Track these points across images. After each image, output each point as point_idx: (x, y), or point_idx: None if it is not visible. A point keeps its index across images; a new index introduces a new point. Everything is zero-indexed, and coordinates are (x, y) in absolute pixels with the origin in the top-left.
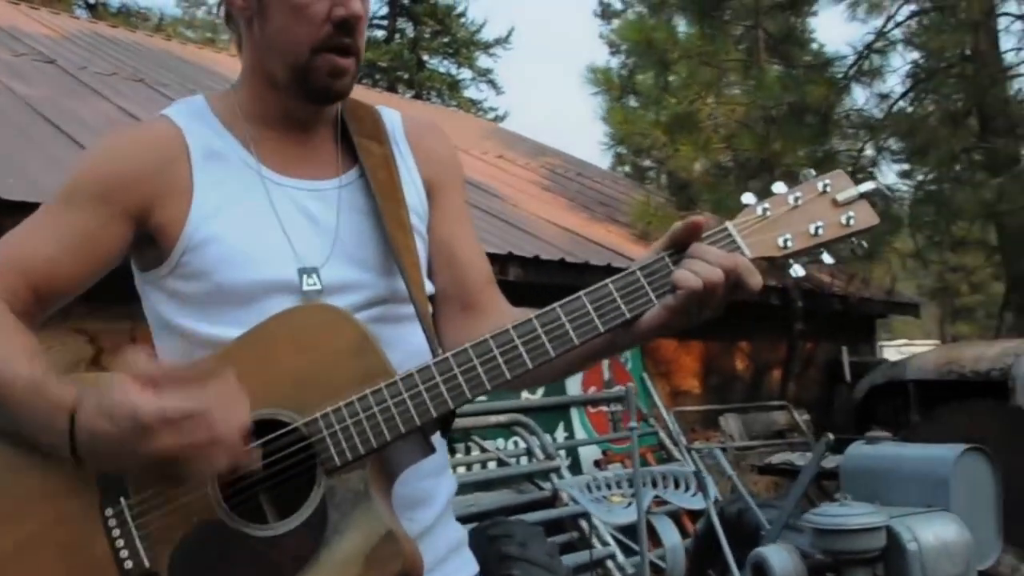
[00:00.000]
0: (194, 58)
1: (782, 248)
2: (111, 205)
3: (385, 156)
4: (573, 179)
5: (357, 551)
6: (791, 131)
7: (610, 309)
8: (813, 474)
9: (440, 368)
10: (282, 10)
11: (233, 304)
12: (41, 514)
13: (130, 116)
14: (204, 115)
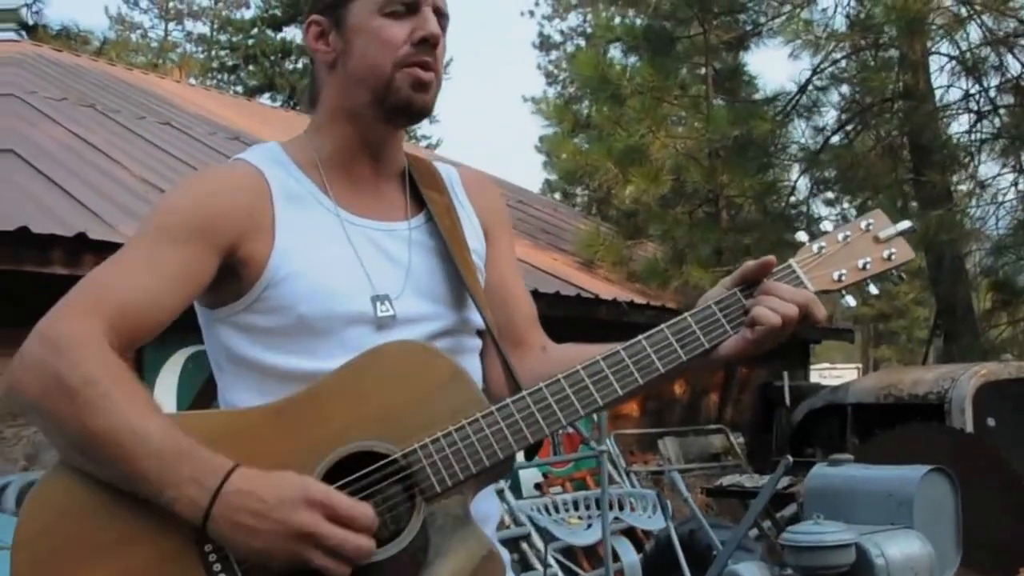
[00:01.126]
0: (141, 83)
1: (837, 281)
2: (203, 241)
3: (447, 205)
4: (514, 207)
5: (461, 571)
6: (736, 163)
7: (690, 340)
8: (770, 495)
9: (534, 397)
10: (366, 39)
11: (312, 335)
12: (141, 551)
13: (84, 142)
14: (281, 160)
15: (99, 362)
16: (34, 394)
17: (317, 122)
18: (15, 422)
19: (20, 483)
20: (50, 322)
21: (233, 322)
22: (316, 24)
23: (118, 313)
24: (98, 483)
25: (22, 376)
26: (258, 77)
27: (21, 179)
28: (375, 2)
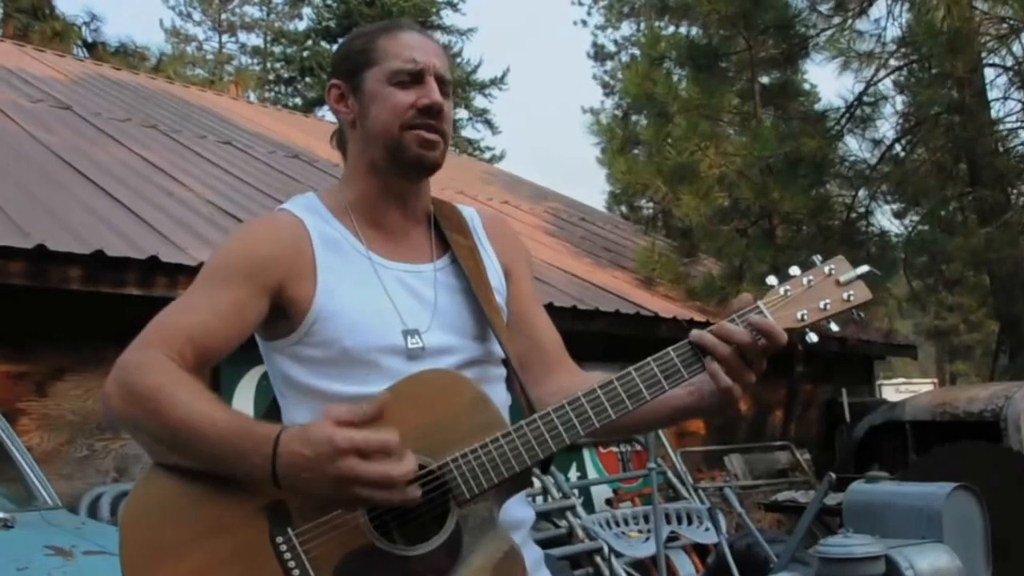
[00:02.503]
0: (199, 101)
1: (799, 321)
2: (255, 282)
3: (470, 247)
4: (577, 224)
5: (488, 564)
6: (787, 180)
7: (666, 373)
8: (817, 510)
9: (543, 420)
10: (377, 103)
11: (355, 366)
12: (220, 541)
13: (150, 164)
14: (318, 209)
15: (165, 373)
16: (120, 408)
17: (347, 173)
18: (103, 436)
19: (113, 493)
20: (127, 353)
21: (288, 353)
22: (336, 88)
23: (182, 344)
24: (185, 483)
25: (111, 398)
26: (315, 89)
27: (92, 201)
28: (385, 72)
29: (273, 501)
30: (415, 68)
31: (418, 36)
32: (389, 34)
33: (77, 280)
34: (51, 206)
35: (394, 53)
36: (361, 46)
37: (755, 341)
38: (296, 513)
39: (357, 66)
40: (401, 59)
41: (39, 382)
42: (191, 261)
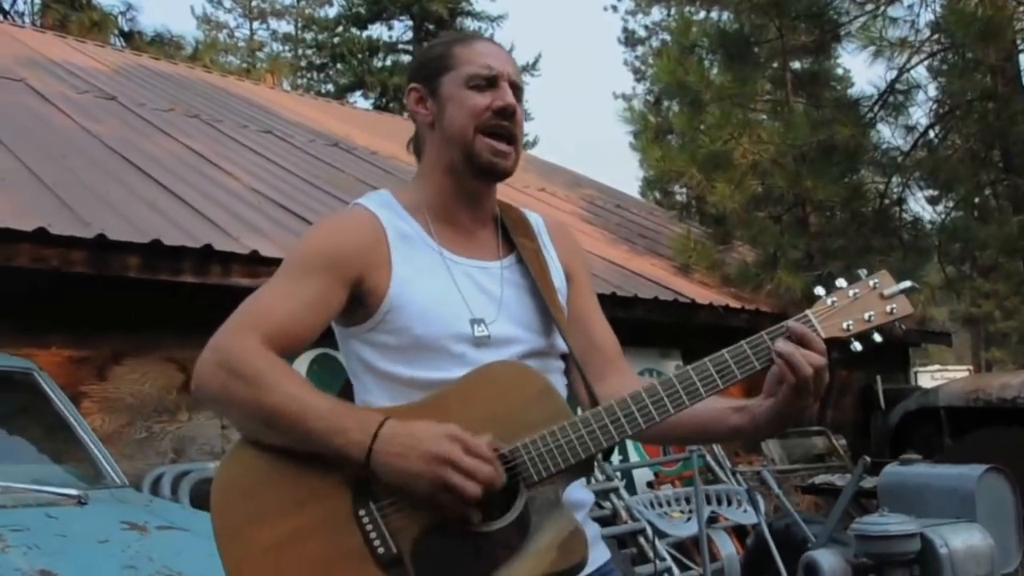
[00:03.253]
0: (237, 90)
1: (845, 330)
2: (337, 274)
3: (536, 249)
4: (613, 211)
5: (554, 542)
6: (821, 168)
7: (726, 372)
8: (853, 492)
9: (607, 411)
10: (454, 105)
11: (426, 352)
12: (308, 509)
13: (196, 154)
14: (392, 205)
15: (261, 358)
16: (216, 390)
17: (422, 172)
18: (160, 418)
19: (173, 473)
20: (219, 338)
21: (364, 339)
22: (416, 91)
23: (271, 331)
24: (273, 456)
25: (204, 379)
26: (347, 76)
27: (145, 191)
28: (462, 76)
29: (357, 477)
30: (490, 73)
31: (492, 45)
32: (465, 43)
33: (135, 268)
34: (107, 197)
35: (470, 59)
36: (439, 52)
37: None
38: (378, 488)
39: (435, 71)
40: (477, 64)
41: (100, 367)
42: (243, 250)
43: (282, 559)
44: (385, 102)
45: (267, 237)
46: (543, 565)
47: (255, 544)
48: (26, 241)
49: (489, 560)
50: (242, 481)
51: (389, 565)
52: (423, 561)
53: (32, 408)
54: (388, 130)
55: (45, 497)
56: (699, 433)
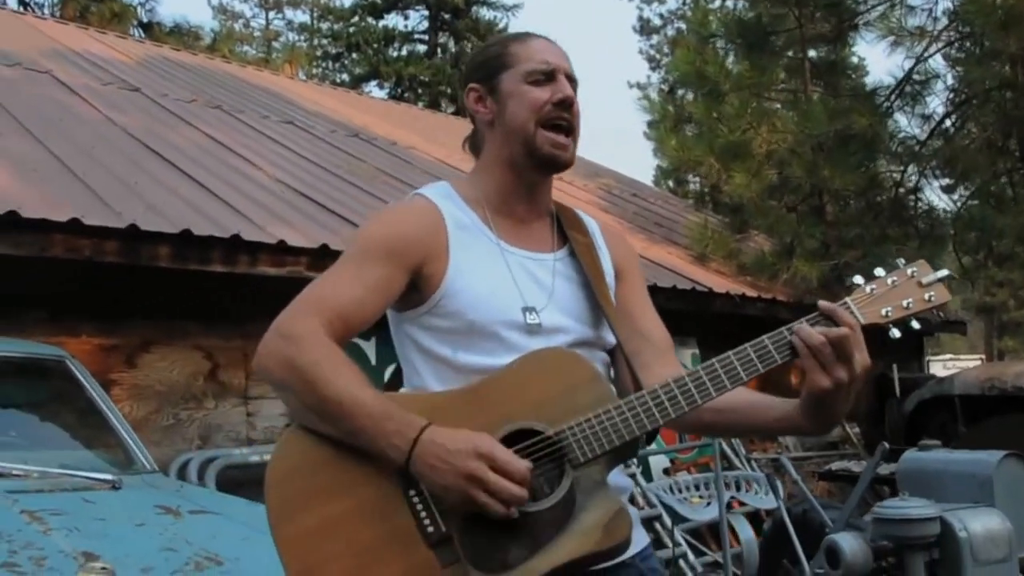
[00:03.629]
0: (257, 80)
1: (884, 317)
2: (398, 261)
3: (588, 244)
4: (629, 200)
5: (599, 521)
6: (838, 158)
7: (766, 356)
8: (871, 478)
9: (651, 395)
10: (515, 100)
11: (478, 337)
12: (360, 489)
13: (220, 145)
14: (452, 196)
15: (321, 349)
16: (277, 375)
17: (481, 167)
18: (187, 406)
19: (199, 459)
20: (283, 321)
21: (418, 323)
22: (475, 91)
23: (334, 315)
24: (325, 441)
25: (267, 362)
26: (362, 65)
27: (172, 182)
28: (521, 73)
29: None
30: (548, 67)
31: (547, 41)
32: (521, 41)
33: (166, 258)
34: (136, 187)
35: (528, 56)
36: (496, 52)
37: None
38: None
39: (494, 70)
40: (535, 60)
41: (129, 354)
42: (270, 239)
43: (333, 539)
44: (400, 92)
45: (293, 227)
46: (588, 544)
47: (307, 524)
48: (60, 232)
49: (535, 538)
50: (296, 463)
51: (438, 544)
52: (471, 540)
53: (64, 395)
54: (404, 120)
55: (81, 482)
56: (742, 421)
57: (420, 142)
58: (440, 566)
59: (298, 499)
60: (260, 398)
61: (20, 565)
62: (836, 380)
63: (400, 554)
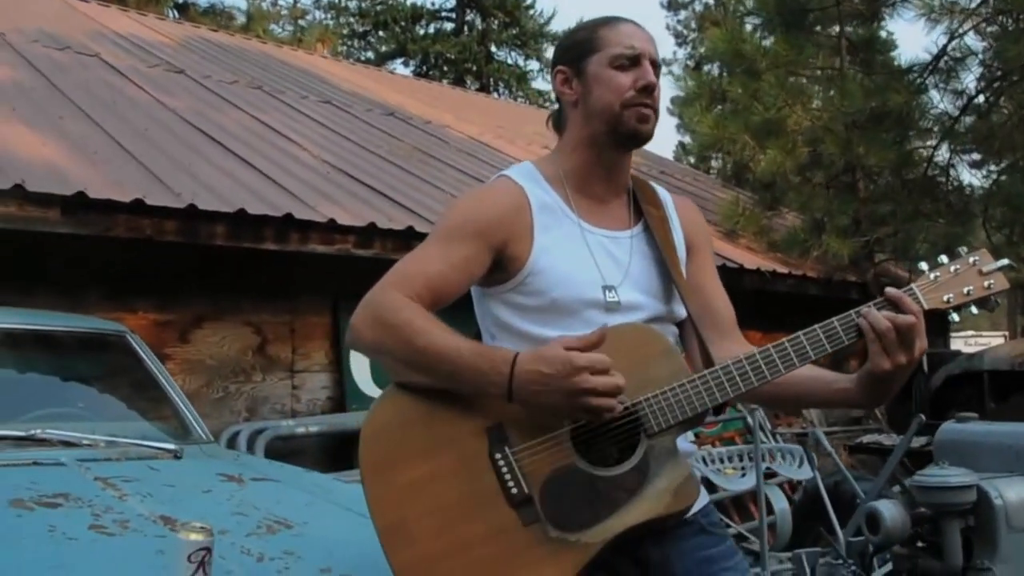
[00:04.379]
0: (293, 60)
1: (946, 303)
2: (483, 240)
3: (662, 218)
4: (657, 178)
5: (669, 486)
6: (872, 135)
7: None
8: (905, 449)
9: (723, 370)
10: (600, 84)
11: (560, 314)
12: (448, 450)
13: (265, 126)
14: (535, 177)
15: (411, 310)
16: (372, 338)
17: (563, 146)
18: (236, 379)
19: (248, 431)
20: (372, 294)
21: (502, 299)
22: (562, 73)
23: (421, 289)
24: (419, 401)
25: (360, 329)
26: (389, 43)
27: (224, 163)
28: (607, 57)
29: (493, 424)
30: (633, 53)
31: (634, 26)
32: (609, 25)
33: (221, 236)
34: (191, 168)
35: (615, 41)
36: (584, 36)
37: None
38: (512, 435)
39: (581, 54)
40: (621, 46)
41: (182, 330)
42: (321, 218)
43: (421, 497)
44: (426, 70)
45: (341, 206)
46: (659, 507)
47: (397, 482)
48: (123, 212)
49: (610, 501)
50: (389, 424)
51: (520, 504)
52: (551, 501)
53: (125, 369)
54: (434, 98)
55: (145, 451)
56: (801, 393)
57: (452, 120)
58: (522, 524)
59: (389, 457)
60: (305, 372)
61: (107, 527)
62: (896, 363)
63: (484, 513)
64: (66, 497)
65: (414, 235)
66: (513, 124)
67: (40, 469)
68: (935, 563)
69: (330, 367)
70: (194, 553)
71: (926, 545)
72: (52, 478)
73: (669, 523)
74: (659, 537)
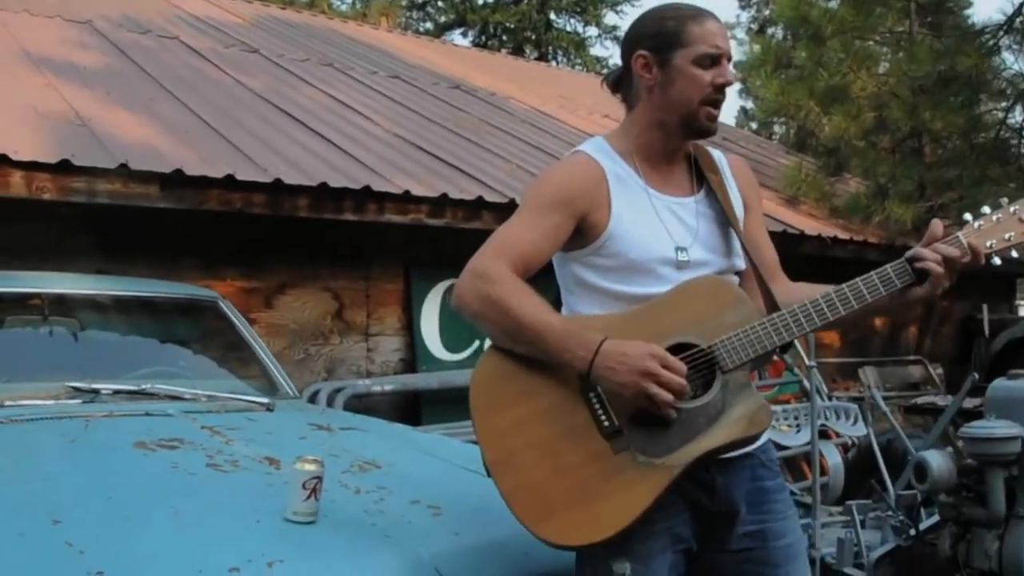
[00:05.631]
0: (359, 35)
1: (988, 248)
2: (568, 211)
3: (721, 182)
4: (719, 144)
5: (745, 413)
6: (940, 99)
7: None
8: (958, 407)
9: (790, 314)
10: (683, 79)
11: (637, 272)
12: (546, 393)
13: (339, 102)
14: (608, 151)
15: (511, 284)
16: (475, 307)
17: (633, 122)
18: (316, 342)
19: (328, 389)
20: (476, 264)
21: (583, 261)
22: (643, 57)
23: (516, 257)
24: (517, 357)
25: (466, 298)
26: (448, 13)
27: (303, 139)
28: (692, 54)
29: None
30: (717, 53)
31: (718, 24)
32: (697, 21)
33: (304, 208)
34: (274, 145)
35: (702, 39)
36: (674, 28)
37: (963, 256)
38: None
39: (668, 44)
40: (707, 44)
41: (267, 296)
42: (396, 189)
43: (525, 432)
44: (484, 39)
45: (415, 178)
46: (736, 431)
47: (503, 421)
48: (216, 187)
49: (692, 429)
50: (491, 376)
51: (611, 435)
52: (639, 430)
53: (218, 332)
54: (496, 68)
55: (241, 404)
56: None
57: (516, 91)
58: (613, 452)
59: (493, 402)
60: (379, 335)
61: (221, 465)
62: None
63: (580, 443)
64: (181, 441)
65: (483, 205)
66: (574, 94)
67: (153, 419)
68: (979, 511)
69: (402, 331)
70: (308, 480)
71: (971, 495)
72: (165, 426)
73: (743, 448)
74: (724, 466)
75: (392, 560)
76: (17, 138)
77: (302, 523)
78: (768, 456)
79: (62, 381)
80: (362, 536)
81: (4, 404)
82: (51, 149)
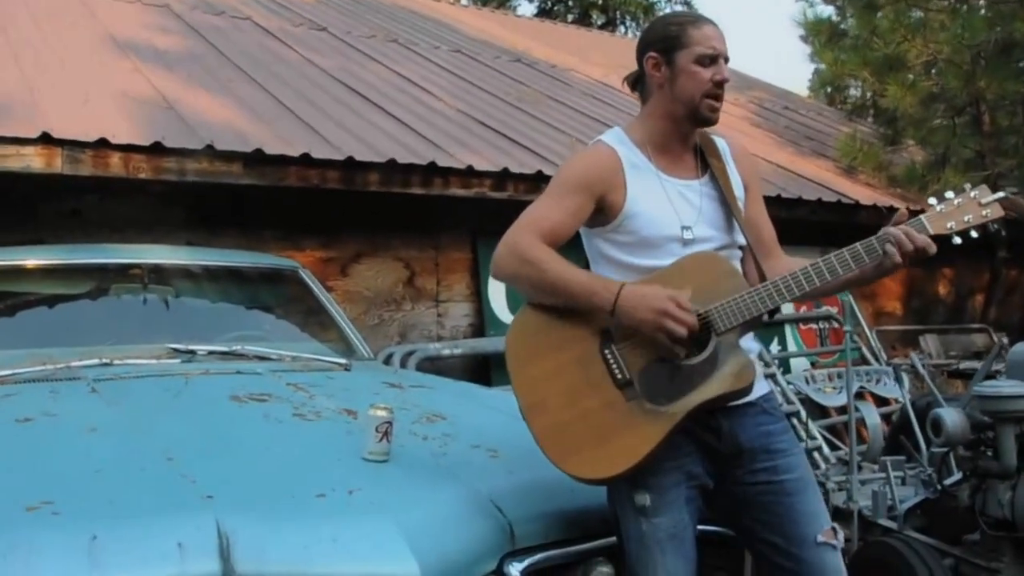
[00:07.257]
0: (421, 9)
1: (948, 229)
2: (589, 192)
3: (723, 168)
4: (780, 113)
5: (733, 370)
6: (997, 66)
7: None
8: (987, 371)
9: (772, 284)
10: (686, 77)
11: (649, 247)
12: (570, 349)
13: (404, 79)
14: (625, 141)
15: (540, 249)
16: (512, 269)
17: (647, 114)
18: (389, 308)
19: (401, 352)
20: (511, 235)
21: (604, 237)
22: (653, 58)
23: (544, 232)
24: (548, 315)
25: (502, 264)
26: None
27: (371, 116)
28: (694, 54)
29: (602, 329)
30: (715, 53)
31: (715, 30)
32: (696, 26)
33: (375, 183)
34: (345, 124)
35: (700, 41)
36: (676, 32)
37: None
38: (617, 336)
39: (672, 46)
40: (705, 46)
41: (343, 265)
42: (460, 165)
43: (553, 381)
44: (550, 5)
45: (477, 153)
46: (724, 385)
47: (535, 370)
48: (294, 164)
49: (690, 381)
50: (525, 331)
51: (624, 385)
52: (647, 382)
53: (298, 298)
54: (558, 39)
55: (322, 364)
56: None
57: (577, 63)
58: (625, 400)
59: (527, 354)
60: (448, 301)
61: (306, 416)
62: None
63: (597, 391)
64: (269, 396)
65: (543, 178)
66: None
67: (243, 376)
68: (993, 463)
69: (471, 297)
70: (380, 424)
71: (986, 449)
72: (255, 382)
73: (735, 400)
74: (729, 412)
75: (454, 492)
76: (114, 123)
77: (376, 461)
78: (771, 404)
79: (162, 343)
80: (428, 472)
81: (113, 363)
82: (144, 132)
